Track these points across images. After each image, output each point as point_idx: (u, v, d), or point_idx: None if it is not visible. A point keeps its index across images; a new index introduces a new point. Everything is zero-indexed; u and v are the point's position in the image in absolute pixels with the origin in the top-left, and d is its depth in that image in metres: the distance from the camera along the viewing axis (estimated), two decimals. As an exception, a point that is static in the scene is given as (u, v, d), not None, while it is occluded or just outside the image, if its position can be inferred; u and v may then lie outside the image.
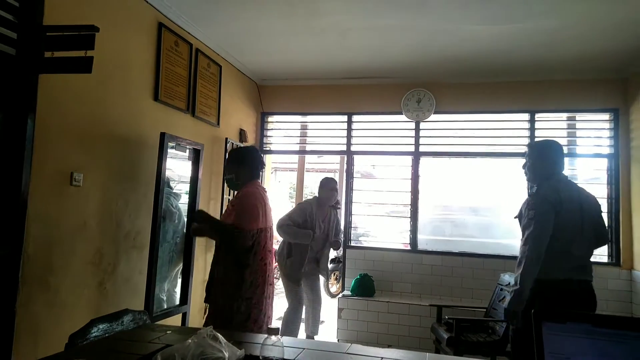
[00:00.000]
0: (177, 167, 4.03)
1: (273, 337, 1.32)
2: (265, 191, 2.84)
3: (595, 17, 3.45)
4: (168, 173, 3.57)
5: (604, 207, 4.68)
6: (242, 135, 5.04)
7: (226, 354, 1.30)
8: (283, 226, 4.01)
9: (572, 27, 3.64)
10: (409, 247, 5.03)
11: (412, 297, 4.78)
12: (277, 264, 4.10)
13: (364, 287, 4.74)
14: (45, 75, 2.41)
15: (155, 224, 3.27)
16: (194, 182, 3.91)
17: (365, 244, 5.37)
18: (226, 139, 4.55)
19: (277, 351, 1.30)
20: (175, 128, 3.72)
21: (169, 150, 3.50)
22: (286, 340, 1.45)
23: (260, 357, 1.28)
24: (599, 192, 4.77)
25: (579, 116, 4.91)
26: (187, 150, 3.90)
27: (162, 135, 3.38)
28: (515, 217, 2.79)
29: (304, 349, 1.47)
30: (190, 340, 1.32)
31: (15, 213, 2.31)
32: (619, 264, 4.46)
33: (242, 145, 4.91)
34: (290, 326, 4.03)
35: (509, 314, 2.55)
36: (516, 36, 3.85)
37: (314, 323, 4.22)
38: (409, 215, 5.06)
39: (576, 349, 0.94)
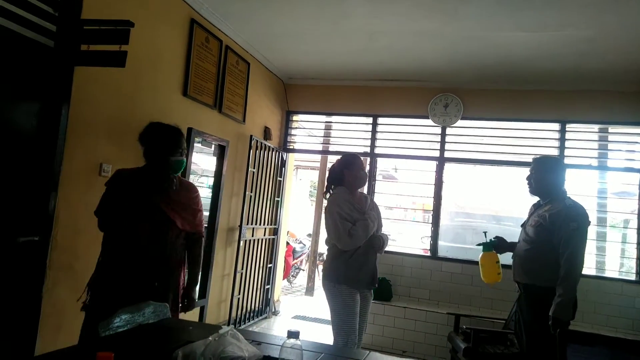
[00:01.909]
0: (202, 162, 4.09)
1: (292, 340, 1.32)
2: None
3: (633, 27, 3.34)
4: (193, 167, 3.62)
5: (633, 223, 4.54)
6: (266, 132, 5.07)
7: (246, 354, 1.31)
8: (352, 232, 2.74)
9: (608, 38, 3.55)
10: (428, 253, 4.98)
11: (430, 304, 4.73)
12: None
13: (382, 291, 4.71)
14: (79, 67, 2.47)
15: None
16: (217, 177, 3.96)
17: (384, 248, 5.33)
18: (251, 136, 4.58)
19: (297, 354, 1.30)
20: (202, 123, 3.76)
21: (195, 145, 3.55)
22: (305, 343, 1.45)
23: (279, 359, 1.28)
24: (629, 207, 4.64)
25: (612, 128, 4.77)
26: (213, 146, 3.95)
27: (190, 130, 3.43)
28: (522, 225, 3.00)
29: (322, 353, 1.47)
30: (211, 338, 1.33)
31: (47, 200, 2.37)
32: (646, 283, 4.33)
33: (266, 143, 4.94)
34: None
35: (559, 324, 2.56)
36: (550, 44, 3.77)
37: None
38: (431, 221, 5.01)
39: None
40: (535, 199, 3.00)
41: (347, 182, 2.90)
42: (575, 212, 2.70)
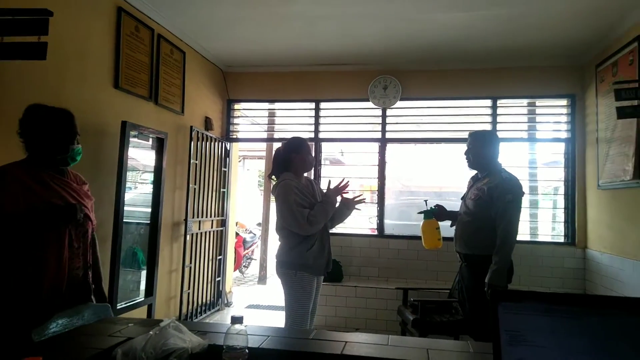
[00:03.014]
0: (141, 157, 3.94)
1: (237, 326, 1.32)
2: None
3: (557, 5, 3.53)
4: (132, 162, 3.49)
5: (561, 190, 4.87)
6: (207, 123, 4.96)
7: (189, 345, 1.30)
8: (310, 218, 2.71)
9: (533, 15, 3.73)
10: (376, 232, 5.11)
11: (379, 281, 4.87)
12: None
13: (332, 273, 4.77)
14: (-5, 62, 2.31)
15: (117, 214, 3.21)
16: (158, 171, 3.85)
17: (332, 230, 5.41)
18: (191, 127, 4.47)
19: (242, 340, 1.30)
20: (137, 116, 3.62)
21: (132, 139, 3.42)
22: (251, 328, 1.46)
23: (224, 347, 1.28)
24: (557, 175, 4.97)
25: (539, 102, 5.07)
26: (151, 139, 3.82)
27: (124, 124, 3.29)
28: (462, 198, 3.17)
29: (268, 336, 1.49)
30: (152, 332, 1.31)
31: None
32: (574, 244, 4.67)
33: (208, 132, 4.84)
34: None
35: (492, 288, 2.72)
36: (479, 24, 3.92)
37: None
38: (376, 201, 5.14)
39: (531, 326, 0.98)
40: (474, 172, 3.15)
41: (294, 166, 2.84)
42: (511, 185, 2.85)
